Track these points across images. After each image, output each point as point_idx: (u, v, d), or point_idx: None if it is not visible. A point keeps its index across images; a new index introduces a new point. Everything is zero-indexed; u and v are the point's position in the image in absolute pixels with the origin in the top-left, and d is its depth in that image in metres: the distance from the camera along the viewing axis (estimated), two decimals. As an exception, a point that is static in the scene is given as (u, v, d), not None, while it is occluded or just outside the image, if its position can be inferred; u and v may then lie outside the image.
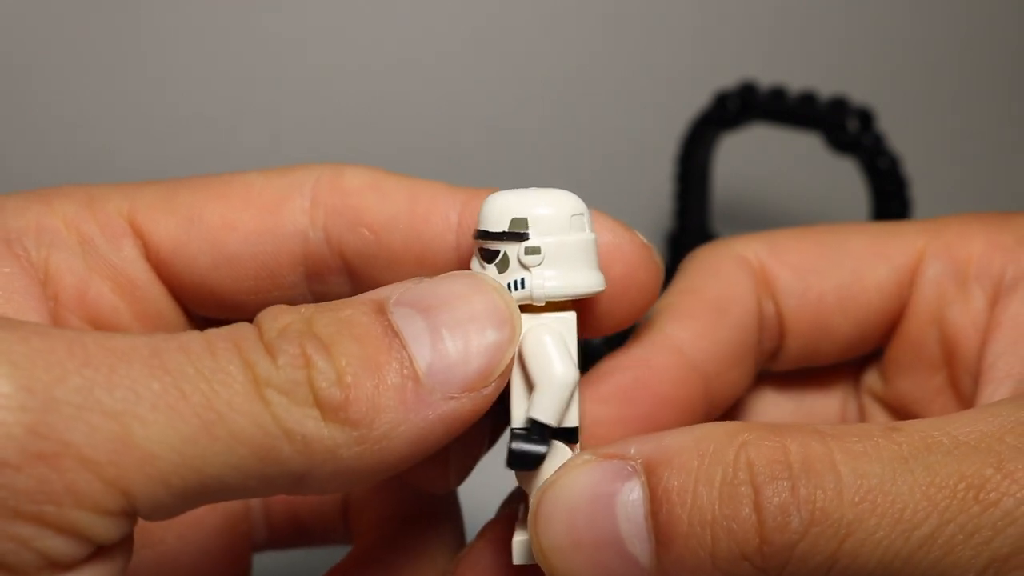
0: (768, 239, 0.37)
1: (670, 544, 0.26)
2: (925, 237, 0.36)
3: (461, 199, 0.32)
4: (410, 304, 0.27)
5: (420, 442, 0.26)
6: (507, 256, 0.29)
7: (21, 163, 0.66)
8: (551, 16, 0.75)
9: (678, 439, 0.27)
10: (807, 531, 0.25)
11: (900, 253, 0.36)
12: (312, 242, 0.32)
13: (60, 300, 0.32)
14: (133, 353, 0.24)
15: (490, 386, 0.27)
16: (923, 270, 0.36)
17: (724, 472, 0.26)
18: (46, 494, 0.23)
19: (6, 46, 0.64)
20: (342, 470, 0.26)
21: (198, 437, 0.24)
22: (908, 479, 0.25)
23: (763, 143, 0.75)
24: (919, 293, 0.36)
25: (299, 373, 0.25)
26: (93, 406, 0.23)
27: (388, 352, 0.26)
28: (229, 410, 0.24)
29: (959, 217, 0.37)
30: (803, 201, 0.84)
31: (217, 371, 0.25)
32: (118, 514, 0.24)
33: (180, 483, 0.24)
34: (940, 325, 0.36)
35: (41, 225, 0.32)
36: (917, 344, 0.36)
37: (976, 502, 0.25)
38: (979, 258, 0.35)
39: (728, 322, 0.35)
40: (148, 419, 0.24)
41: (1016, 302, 0.34)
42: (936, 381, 0.36)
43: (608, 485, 0.26)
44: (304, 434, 0.25)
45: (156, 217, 0.33)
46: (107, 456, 0.23)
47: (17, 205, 0.32)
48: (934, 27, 0.85)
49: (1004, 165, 0.90)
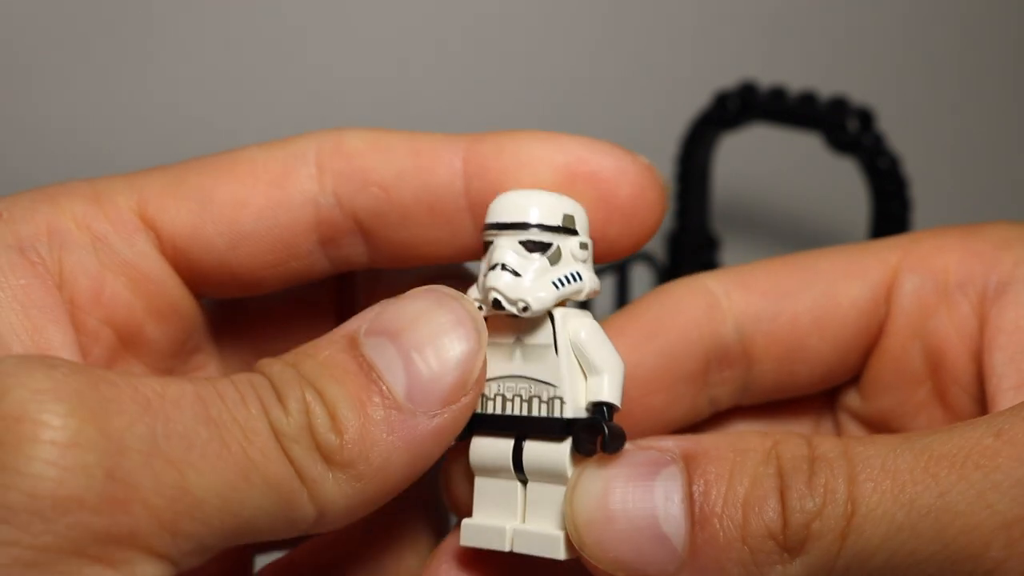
0: (738, 270, 0.37)
1: (704, 523, 0.27)
2: (898, 252, 0.36)
3: (463, 145, 0.33)
4: (379, 332, 0.29)
5: (415, 462, 0.28)
6: (560, 249, 0.31)
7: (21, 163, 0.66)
8: (551, 16, 0.75)
9: (714, 438, 0.29)
10: (820, 512, 0.27)
11: (874, 269, 0.36)
12: (323, 208, 0.33)
13: (76, 303, 0.32)
14: (183, 400, 0.26)
15: (468, 395, 0.29)
16: (900, 284, 0.35)
17: (755, 463, 0.27)
18: (113, 535, 0.24)
19: (6, 46, 0.64)
20: (351, 505, 0.28)
21: (238, 484, 0.26)
22: (907, 456, 0.27)
23: (763, 143, 0.75)
24: (898, 307, 0.35)
25: (303, 418, 0.27)
26: (156, 453, 0.25)
27: (368, 389, 0.28)
28: (262, 459, 0.27)
29: (930, 231, 0.37)
30: (803, 201, 0.84)
31: (249, 420, 0.27)
32: (164, 557, 0.26)
33: (220, 525, 0.26)
34: (923, 338, 0.35)
35: (52, 227, 0.32)
36: (899, 359, 0.36)
37: (976, 468, 0.26)
38: (957, 267, 0.35)
39: (653, 347, 0.35)
40: (199, 467, 0.26)
41: (1011, 306, 0.34)
42: (919, 395, 0.36)
43: (648, 467, 0.28)
44: (314, 478, 0.27)
45: (166, 206, 0.33)
46: (166, 501, 0.25)
47: (25, 209, 0.32)
48: (934, 27, 0.85)
49: (1004, 165, 0.90)
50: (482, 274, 0.31)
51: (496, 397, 0.31)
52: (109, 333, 0.33)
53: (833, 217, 0.83)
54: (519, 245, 0.30)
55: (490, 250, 0.31)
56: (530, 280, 0.30)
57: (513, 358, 0.31)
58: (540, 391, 0.30)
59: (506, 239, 0.30)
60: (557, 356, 0.30)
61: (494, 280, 0.30)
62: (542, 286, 0.30)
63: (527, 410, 0.30)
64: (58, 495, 0.24)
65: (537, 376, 0.30)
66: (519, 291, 0.30)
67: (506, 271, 0.30)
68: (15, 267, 0.31)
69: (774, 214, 0.84)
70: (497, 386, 0.31)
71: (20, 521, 0.24)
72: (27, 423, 0.24)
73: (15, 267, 0.31)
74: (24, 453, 0.24)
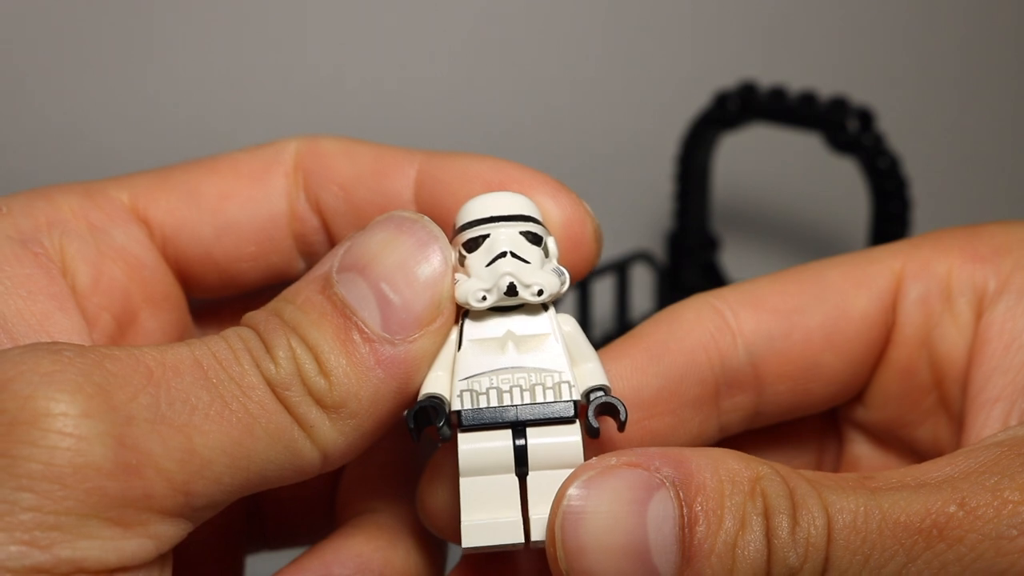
0: (746, 289, 0.36)
1: (693, 561, 0.27)
2: (901, 258, 0.36)
3: (419, 158, 0.35)
4: (349, 268, 0.30)
5: (402, 389, 0.30)
6: (547, 245, 0.31)
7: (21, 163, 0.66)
8: (551, 17, 0.75)
9: (698, 459, 0.28)
10: (801, 566, 0.27)
11: (879, 278, 0.35)
12: (296, 202, 0.36)
13: (77, 289, 0.33)
14: (182, 366, 0.28)
15: (444, 314, 0.30)
16: (904, 292, 0.35)
17: (743, 500, 0.27)
18: (129, 499, 0.26)
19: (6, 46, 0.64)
20: (350, 442, 0.29)
21: (243, 439, 0.28)
22: (876, 516, 0.27)
23: (763, 143, 0.75)
24: (904, 316, 0.35)
25: (291, 366, 0.29)
26: (161, 419, 0.27)
27: (346, 327, 0.29)
28: (261, 411, 0.28)
29: (931, 234, 0.36)
30: (803, 201, 0.84)
31: (244, 376, 0.28)
32: (179, 516, 0.27)
33: (230, 480, 0.28)
34: (928, 347, 0.35)
35: (51, 219, 0.33)
36: (905, 370, 0.36)
37: (941, 539, 0.27)
38: (959, 271, 0.35)
39: (657, 370, 0.35)
40: (204, 428, 0.27)
41: (999, 315, 0.33)
42: (925, 404, 0.36)
43: (639, 492, 0.27)
44: (311, 423, 0.29)
45: (156, 197, 0.35)
46: (176, 464, 0.27)
47: (23, 204, 0.33)
48: (934, 27, 0.85)
49: (1004, 165, 0.90)
50: (475, 266, 0.30)
51: (489, 391, 0.30)
52: (108, 318, 0.34)
53: (833, 217, 0.83)
54: (520, 236, 0.31)
55: (486, 243, 0.31)
56: (536, 267, 0.31)
57: (505, 351, 0.31)
58: (543, 378, 0.30)
59: (506, 229, 0.31)
60: (557, 343, 0.31)
61: (505, 266, 0.30)
62: (547, 272, 0.31)
63: (530, 398, 0.30)
64: (76, 463, 0.25)
65: (537, 364, 0.30)
66: (533, 276, 0.30)
67: (516, 258, 0.30)
68: (19, 258, 0.32)
69: (774, 214, 0.84)
70: (489, 380, 0.30)
71: (41, 488, 0.25)
72: (40, 400, 0.26)
73: (19, 258, 0.32)
74: (39, 427, 0.25)
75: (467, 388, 0.30)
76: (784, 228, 0.84)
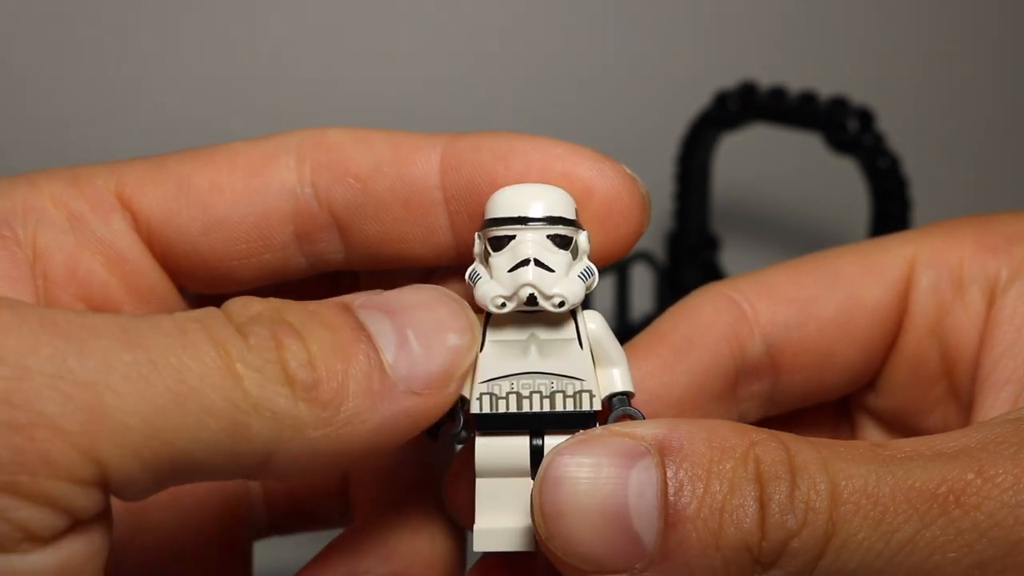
0: (761, 277, 0.36)
1: (677, 525, 0.26)
2: (913, 247, 0.36)
3: (442, 141, 0.33)
4: (376, 307, 0.28)
5: (382, 432, 0.27)
6: (577, 243, 0.30)
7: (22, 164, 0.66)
8: (551, 17, 0.75)
9: (691, 428, 0.27)
10: (800, 530, 0.26)
11: (891, 267, 0.36)
12: (300, 198, 0.33)
13: (50, 278, 0.32)
14: (104, 328, 0.25)
15: (451, 386, 0.28)
16: (916, 281, 0.35)
17: (735, 465, 0.27)
18: (19, 464, 0.23)
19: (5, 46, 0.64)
20: (306, 451, 0.26)
21: (169, 409, 0.24)
22: (889, 481, 0.26)
23: (763, 143, 0.75)
24: (915, 305, 0.35)
25: (271, 353, 0.26)
26: (65, 375, 0.24)
27: (356, 343, 0.27)
28: (201, 384, 0.25)
29: (943, 223, 0.36)
30: (803, 201, 0.84)
31: (188, 346, 0.25)
32: (92, 484, 0.24)
33: (151, 456, 0.24)
34: (939, 336, 0.35)
35: (28, 205, 0.32)
36: (916, 358, 0.36)
37: (958, 505, 0.26)
38: (970, 260, 0.35)
39: (684, 367, 0.34)
40: (120, 389, 0.24)
41: (1011, 301, 0.34)
42: (936, 392, 0.36)
43: (621, 459, 0.27)
44: (274, 410, 0.25)
45: (144, 188, 0.33)
46: (80, 426, 0.23)
47: (3, 187, 0.32)
48: (934, 27, 0.85)
49: (1004, 165, 0.90)
50: (498, 268, 0.30)
51: (509, 395, 0.30)
52: (85, 310, 0.32)
53: (833, 217, 0.83)
54: (547, 240, 0.30)
55: (511, 245, 0.30)
56: (561, 274, 0.30)
57: (528, 354, 0.30)
58: (564, 386, 0.30)
59: (532, 233, 0.30)
60: (582, 350, 0.30)
61: (527, 276, 0.29)
62: (571, 280, 0.30)
63: (550, 405, 0.30)
64: None
65: (559, 371, 0.30)
66: (555, 286, 0.29)
67: (540, 266, 0.29)
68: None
69: (774, 214, 0.84)
70: (510, 384, 0.30)
71: None
72: None
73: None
74: None
75: (487, 391, 0.29)
76: (784, 228, 0.84)
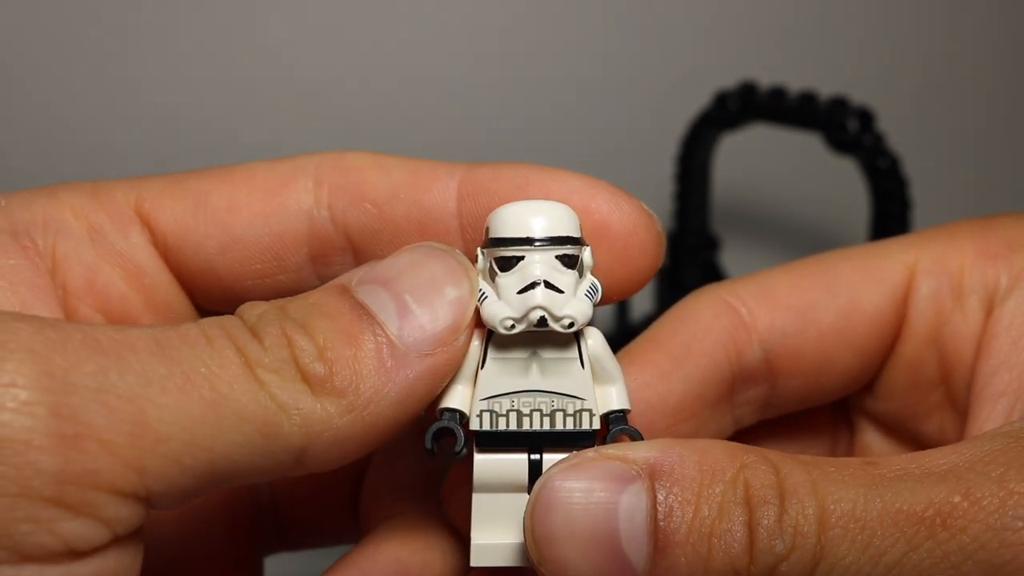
0: (760, 281, 0.36)
1: (667, 550, 0.27)
2: (914, 252, 0.36)
3: (460, 169, 0.33)
4: (371, 281, 0.29)
5: (404, 401, 0.28)
6: (582, 261, 0.30)
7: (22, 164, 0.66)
8: (552, 17, 0.75)
9: (681, 450, 0.28)
10: (789, 554, 0.26)
11: (891, 273, 0.35)
12: (317, 221, 0.33)
13: (68, 289, 0.32)
14: (139, 343, 0.26)
15: (460, 338, 0.29)
16: (916, 287, 0.35)
17: (724, 489, 0.27)
18: (68, 475, 0.24)
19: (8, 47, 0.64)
20: (339, 439, 0.27)
21: (206, 417, 0.25)
22: (877, 505, 0.26)
23: (763, 143, 0.75)
24: (915, 312, 0.35)
25: (284, 351, 0.27)
26: (109, 389, 0.24)
27: (359, 324, 0.28)
28: (231, 391, 0.26)
29: (944, 227, 0.36)
30: (803, 201, 0.84)
31: (215, 355, 0.26)
32: (133, 497, 0.25)
33: (192, 462, 0.25)
34: (938, 343, 0.35)
35: (48, 216, 0.32)
36: (914, 365, 0.36)
37: (944, 528, 0.26)
38: (971, 268, 0.35)
39: (682, 374, 0.34)
40: (160, 401, 0.25)
41: (1009, 311, 0.33)
42: (933, 398, 0.36)
43: (612, 483, 0.27)
44: (299, 408, 0.27)
45: (162, 204, 0.33)
46: (125, 438, 0.24)
47: (23, 199, 0.33)
48: (934, 27, 0.85)
49: (1004, 165, 0.90)
50: (506, 289, 0.30)
51: (509, 413, 0.30)
52: (103, 321, 0.33)
53: (833, 217, 0.83)
54: (555, 260, 0.30)
55: (519, 266, 0.30)
56: (570, 295, 0.29)
57: (529, 373, 0.30)
58: (564, 404, 0.30)
59: (540, 254, 0.30)
60: (584, 369, 0.30)
61: (537, 298, 0.29)
62: (579, 300, 0.30)
63: (550, 424, 0.30)
64: (1, 436, 0.23)
65: (560, 390, 0.30)
66: (565, 307, 0.29)
67: (550, 288, 0.29)
68: (6, 248, 0.31)
69: (774, 214, 0.84)
70: (511, 401, 0.30)
71: None
72: None
73: (6, 248, 0.31)
74: None
75: (487, 408, 0.30)
76: (784, 228, 0.84)
